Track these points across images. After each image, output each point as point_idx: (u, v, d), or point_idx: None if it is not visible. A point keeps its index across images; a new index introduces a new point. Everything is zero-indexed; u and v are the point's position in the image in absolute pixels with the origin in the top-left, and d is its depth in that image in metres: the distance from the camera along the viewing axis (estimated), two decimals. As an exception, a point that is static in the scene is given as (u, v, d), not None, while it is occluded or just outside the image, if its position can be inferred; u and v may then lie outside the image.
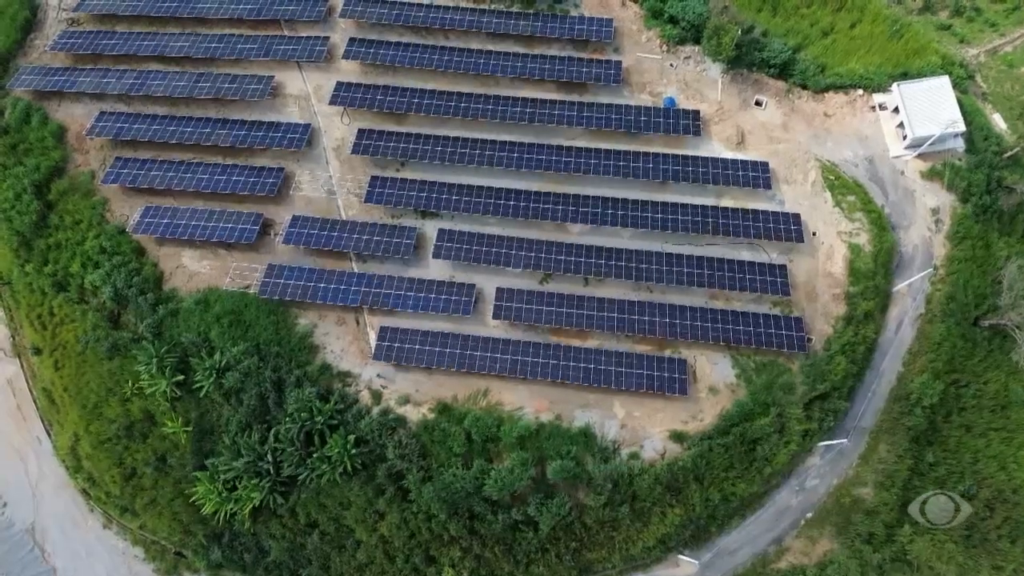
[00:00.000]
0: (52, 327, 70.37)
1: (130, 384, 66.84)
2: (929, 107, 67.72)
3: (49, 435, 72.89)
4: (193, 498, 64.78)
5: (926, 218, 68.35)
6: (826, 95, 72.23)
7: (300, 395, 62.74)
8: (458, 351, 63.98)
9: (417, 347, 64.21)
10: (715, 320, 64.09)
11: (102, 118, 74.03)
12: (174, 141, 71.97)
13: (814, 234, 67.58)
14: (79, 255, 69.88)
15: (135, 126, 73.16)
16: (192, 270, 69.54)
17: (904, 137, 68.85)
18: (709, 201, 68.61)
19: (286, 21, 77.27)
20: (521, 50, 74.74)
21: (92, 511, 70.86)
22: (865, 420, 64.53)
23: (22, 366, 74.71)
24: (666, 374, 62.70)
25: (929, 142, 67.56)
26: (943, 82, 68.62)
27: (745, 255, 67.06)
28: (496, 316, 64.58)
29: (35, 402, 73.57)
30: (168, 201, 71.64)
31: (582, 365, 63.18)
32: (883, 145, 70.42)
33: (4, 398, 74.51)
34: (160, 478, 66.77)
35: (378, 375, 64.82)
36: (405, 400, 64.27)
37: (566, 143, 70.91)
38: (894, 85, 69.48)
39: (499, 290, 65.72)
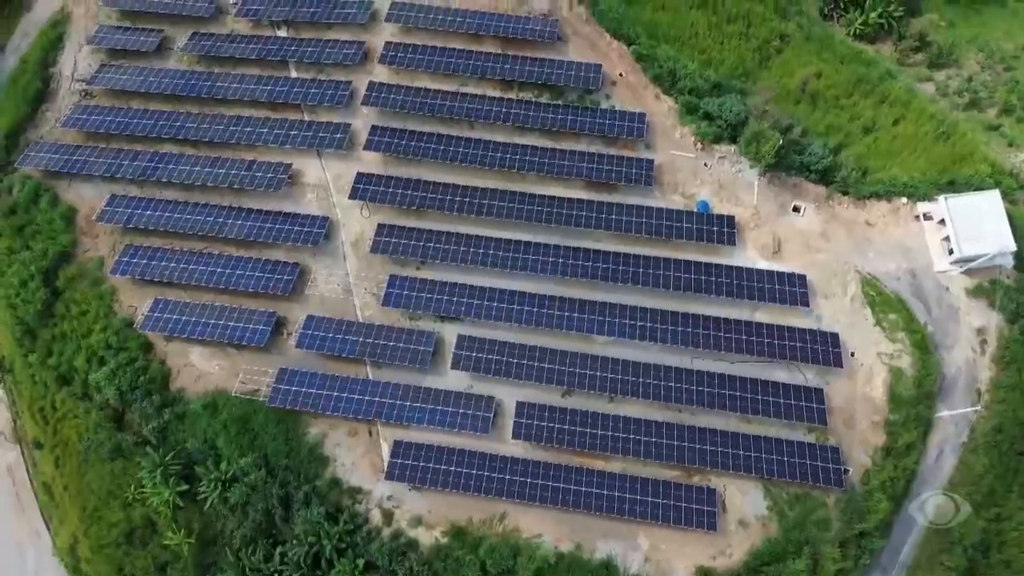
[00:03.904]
0: (54, 422, 67.91)
1: (132, 489, 64.23)
2: (978, 224, 64.27)
3: (48, 528, 70.34)
4: (194, 613, 62.09)
5: (970, 338, 64.92)
6: (868, 202, 68.85)
7: (308, 515, 59.95)
8: (475, 471, 60.98)
9: (432, 466, 61.27)
10: (747, 448, 60.85)
11: (113, 202, 71.57)
12: (186, 231, 69.35)
13: (852, 355, 64.21)
14: (84, 349, 67.38)
15: (146, 212, 70.65)
16: (201, 369, 66.88)
17: (950, 252, 65.43)
18: (743, 315, 65.32)
19: (306, 105, 74.51)
20: (548, 144, 71.70)
21: (91, 611, 68.22)
22: (902, 554, 61.03)
23: (23, 454, 72.32)
24: (694, 505, 59.51)
25: (977, 262, 64.09)
26: (993, 197, 65.13)
27: (780, 375, 63.79)
28: (516, 436, 61.59)
29: (35, 494, 71.05)
30: (178, 293, 69.00)
31: (605, 492, 60.08)
32: (927, 258, 67.00)
33: (4, 486, 72.11)
34: (161, 588, 64.14)
35: (388, 497, 61.88)
36: (418, 522, 61.33)
37: (593, 246, 67.85)
38: (941, 198, 66.04)
39: (519, 405, 62.75)
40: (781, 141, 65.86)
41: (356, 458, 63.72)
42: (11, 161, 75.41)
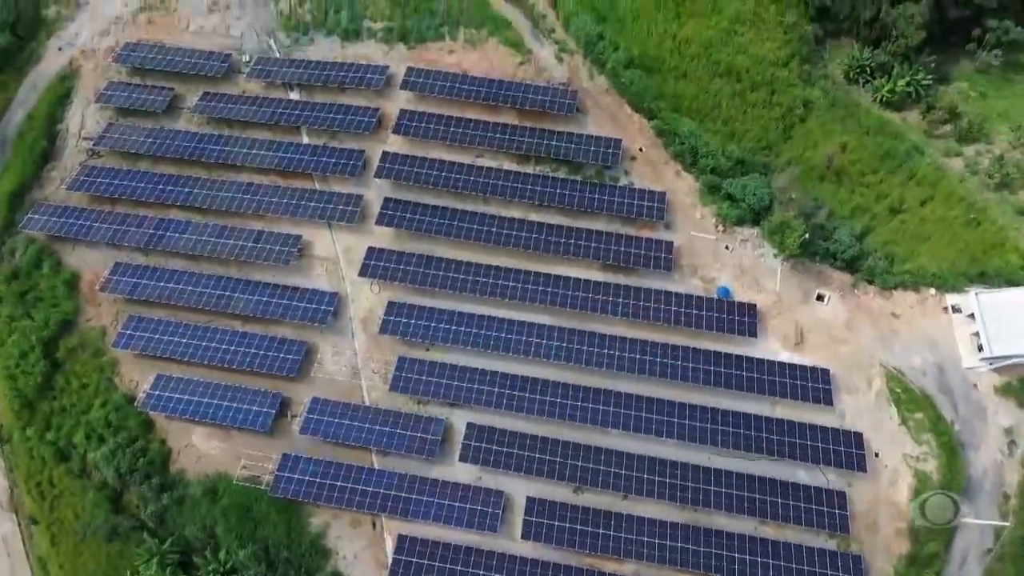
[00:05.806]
0: (51, 499, 65.99)
1: (128, 574, 62.33)
2: (1010, 322, 62.01)
3: (43, 605, 68.58)
4: None
5: (998, 439, 62.56)
6: (894, 292, 66.53)
7: (308, 614, 58.05)
8: (481, 572, 58.82)
9: (438, 564, 59.18)
10: (765, 554, 58.55)
11: (117, 270, 69.81)
12: (190, 304, 67.52)
13: (877, 455, 61.85)
14: (83, 425, 65.74)
15: (151, 283, 68.85)
16: (202, 450, 65.06)
17: (979, 348, 63.08)
18: (763, 410, 63.08)
19: (318, 174, 72.61)
20: (565, 221, 69.67)
21: None
22: (922, 667, 58.66)
23: (19, 525, 70.42)
24: (709, 616, 57.30)
25: (1009, 362, 61.70)
26: (1026, 295, 62.84)
27: (800, 475, 61.58)
28: (525, 536, 59.46)
29: (31, 568, 69.15)
30: (181, 368, 67.07)
31: (616, 598, 57.91)
32: (955, 353, 64.65)
33: (-1, 556, 70.40)
34: (155, 677, 62.11)
35: (393, 598, 59.96)
36: (422, 622, 59.23)
37: (608, 331, 65.72)
38: (972, 293, 63.77)
39: (529, 502, 60.68)
40: (807, 234, 63.56)
41: (358, 550, 61.76)
42: (15, 222, 73.61)
